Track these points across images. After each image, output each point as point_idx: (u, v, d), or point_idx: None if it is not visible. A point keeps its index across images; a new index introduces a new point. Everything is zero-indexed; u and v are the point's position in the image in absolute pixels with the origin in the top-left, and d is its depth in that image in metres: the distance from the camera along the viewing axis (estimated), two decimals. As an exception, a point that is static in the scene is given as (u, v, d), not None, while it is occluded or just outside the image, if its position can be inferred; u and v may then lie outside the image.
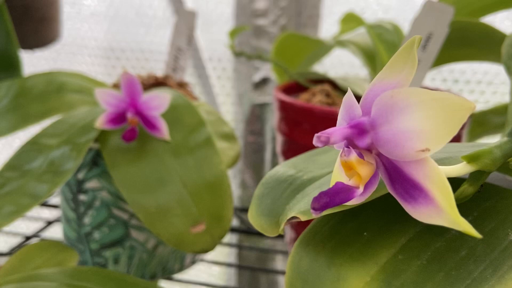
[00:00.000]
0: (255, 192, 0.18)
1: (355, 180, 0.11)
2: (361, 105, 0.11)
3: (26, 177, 0.25)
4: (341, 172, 0.12)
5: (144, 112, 0.27)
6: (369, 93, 0.11)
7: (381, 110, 0.10)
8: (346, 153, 0.11)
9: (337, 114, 0.29)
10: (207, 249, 0.26)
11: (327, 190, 0.11)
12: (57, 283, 0.21)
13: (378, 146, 0.10)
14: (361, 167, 0.10)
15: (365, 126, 0.10)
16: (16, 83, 0.33)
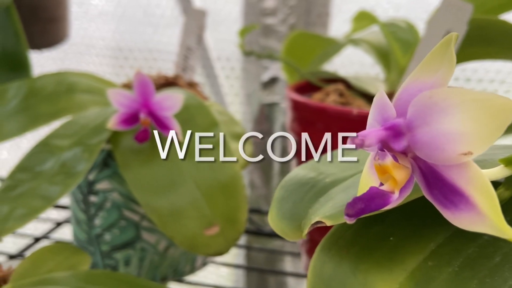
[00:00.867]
0: (275, 195, 0.17)
1: (390, 185, 0.10)
2: (395, 106, 0.10)
3: (38, 179, 0.25)
4: (371, 175, 0.11)
5: (156, 112, 0.26)
6: (403, 93, 0.10)
7: (419, 111, 0.09)
8: (381, 156, 0.10)
9: (352, 113, 0.28)
10: (221, 252, 0.25)
11: (362, 195, 0.10)
12: (71, 287, 0.20)
13: (415, 149, 0.10)
14: (397, 171, 0.10)
15: (401, 128, 0.10)
16: (26, 84, 0.32)
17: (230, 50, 0.57)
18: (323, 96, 0.33)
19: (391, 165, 0.10)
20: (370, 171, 0.11)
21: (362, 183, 0.12)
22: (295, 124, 0.32)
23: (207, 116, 0.28)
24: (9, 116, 0.30)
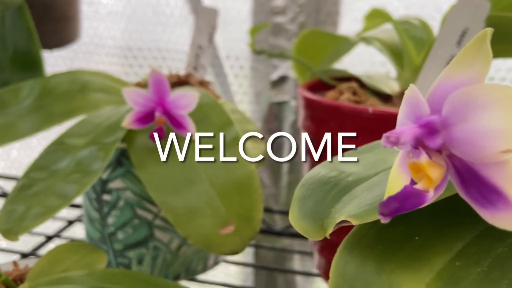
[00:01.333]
0: (295, 193, 0.17)
1: (424, 184, 0.10)
2: (428, 103, 0.10)
3: (54, 178, 0.25)
4: (401, 173, 0.11)
5: (171, 111, 0.26)
6: (437, 90, 0.10)
7: (455, 107, 0.09)
8: (415, 154, 0.10)
9: (366, 112, 0.28)
10: (236, 251, 0.25)
11: (396, 194, 0.10)
12: (89, 287, 0.20)
13: (451, 146, 0.10)
14: (432, 169, 0.10)
15: (436, 126, 0.10)
16: (39, 83, 0.32)
17: (239, 49, 0.57)
18: (336, 94, 0.32)
19: (426, 163, 0.10)
20: (400, 169, 0.11)
21: (391, 181, 0.12)
22: (308, 122, 0.32)
23: (222, 115, 0.28)
24: (23, 115, 0.30)
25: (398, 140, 0.09)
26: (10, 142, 0.30)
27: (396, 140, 0.09)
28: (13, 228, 0.23)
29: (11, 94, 0.32)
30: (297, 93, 0.55)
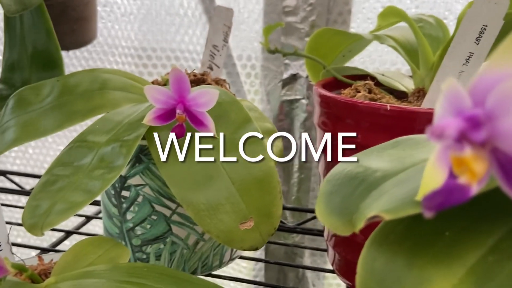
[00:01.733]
0: (321, 189, 0.17)
1: (468, 178, 0.10)
2: (470, 96, 0.10)
3: (78, 174, 0.25)
4: (439, 168, 0.11)
5: (191, 108, 0.27)
6: (479, 83, 0.10)
7: (501, 101, 0.09)
8: (459, 148, 0.10)
9: (383, 109, 0.28)
10: (256, 246, 0.26)
11: (439, 189, 0.10)
12: (115, 281, 0.21)
13: (495, 140, 0.10)
14: (476, 163, 0.10)
15: (481, 119, 0.10)
16: (60, 81, 0.33)
17: (251, 48, 0.57)
18: (352, 92, 0.33)
19: (470, 157, 0.10)
20: (438, 164, 0.11)
21: (426, 176, 0.12)
22: (324, 120, 0.32)
23: (241, 112, 0.28)
24: (45, 113, 0.31)
25: (443, 133, 0.09)
26: (33, 139, 0.30)
27: (441, 133, 0.09)
28: (38, 223, 0.23)
29: (32, 92, 0.33)
30: (308, 92, 0.56)
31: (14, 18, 0.39)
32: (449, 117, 0.10)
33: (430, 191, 0.11)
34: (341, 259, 0.34)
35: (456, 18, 0.54)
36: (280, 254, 0.59)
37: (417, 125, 0.28)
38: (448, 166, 0.11)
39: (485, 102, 0.10)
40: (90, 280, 0.21)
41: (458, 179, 0.10)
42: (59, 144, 0.66)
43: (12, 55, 0.39)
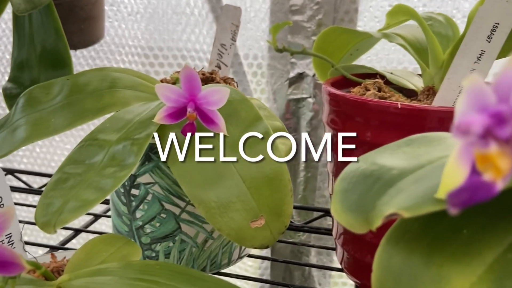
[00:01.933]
0: (336, 187, 0.17)
1: (493, 174, 0.10)
2: (494, 92, 0.10)
3: (90, 172, 0.25)
4: (460, 165, 0.11)
5: (202, 106, 0.27)
6: (503, 79, 0.10)
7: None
8: (483, 144, 0.10)
9: (394, 107, 0.28)
10: (267, 244, 0.26)
11: (464, 186, 0.10)
12: (128, 278, 0.21)
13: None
14: (501, 159, 0.10)
15: (506, 115, 0.10)
16: (70, 80, 0.33)
17: (258, 47, 0.57)
18: (362, 90, 0.33)
19: (496, 153, 0.10)
20: (460, 161, 0.11)
21: (447, 173, 0.12)
22: (333, 118, 0.32)
23: (251, 110, 0.28)
24: (55, 111, 0.31)
25: (469, 129, 0.09)
26: (43, 138, 0.30)
27: (467, 130, 0.09)
28: (51, 221, 0.23)
29: (42, 91, 0.33)
30: (314, 91, 0.55)
31: (23, 18, 0.39)
32: (473, 113, 0.10)
33: (455, 188, 0.11)
34: (349, 257, 0.34)
35: (464, 16, 0.53)
36: (286, 253, 0.59)
37: (427, 123, 0.27)
38: (470, 163, 0.11)
39: (509, 98, 0.10)
40: (103, 278, 0.21)
41: (482, 176, 0.10)
42: (66, 143, 0.66)
43: (21, 54, 0.40)
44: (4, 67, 0.66)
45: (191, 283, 0.21)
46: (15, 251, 0.21)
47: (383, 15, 0.53)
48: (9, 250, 0.16)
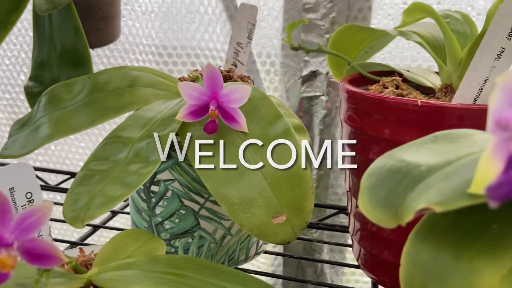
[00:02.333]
0: (363, 183, 0.18)
1: None
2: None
3: (115, 169, 0.26)
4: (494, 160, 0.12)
5: (224, 104, 0.27)
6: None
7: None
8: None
9: (413, 105, 0.28)
10: (288, 240, 0.26)
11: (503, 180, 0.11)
12: (156, 272, 0.21)
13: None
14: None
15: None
16: (91, 79, 0.34)
17: (271, 46, 0.57)
18: (380, 88, 0.33)
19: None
20: (494, 155, 0.11)
21: (481, 168, 0.12)
22: (351, 115, 0.32)
23: (271, 108, 0.28)
24: (78, 109, 0.32)
25: (509, 125, 0.10)
26: (66, 135, 0.31)
27: (506, 125, 0.10)
28: (79, 216, 0.24)
29: (64, 89, 0.33)
30: (327, 89, 0.56)
31: (43, 17, 0.40)
32: (509, 109, 0.11)
33: (494, 182, 0.11)
34: (366, 253, 0.34)
35: (479, 14, 0.53)
36: (298, 250, 0.59)
37: (446, 120, 0.28)
38: (506, 157, 0.11)
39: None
40: (131, 271, 0.21)
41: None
42: (81, 141, 0.67)
43: (41, 53, 0.40)
44: (20, 65, 0.67)
45: (217, 277, 0.21)
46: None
47: (397, 13, 0.53)
48: (48, 243, 0.17)
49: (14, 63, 0.67)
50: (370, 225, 0.33)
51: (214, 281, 0.21)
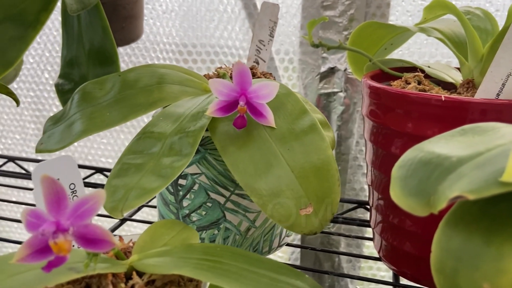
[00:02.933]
0: (394, 174, 0.18)
1: None
2: None
3: (150, 162, 0.27)
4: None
5: (252, 100, 0.28)
6: None
7: None
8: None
9: (435, 99, 0.29)
10: (315, 231, 0.27)
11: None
12: (193, 259, 0.22)
13: None
14: None
15: None
16: (121, 76, 0.35)
17: (289, 43, 0.58)
18: (403, 83, 0.33)
19: None
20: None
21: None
22: (373, 110, 0.33)
23: (297, 103, 0.29)
24: (110, 106, 0.33)
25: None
26: (100, 131, 0.32)
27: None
28: (118, 206, 0.25)
29: (96, 87, 0.35)
30: (345, 85, 0.56)
31: (71, 17, 0.42)
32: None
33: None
34: (388, 245, 0.35)
35: (497, 10, 0.53)
36: (316, 243, 0.60)
37: (469, 115, 0.28)
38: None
39: None
40: (170, 258, 0.23)
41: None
42: (103, 137, 0.69)
43: (70, 52, 0.42)
44: (44, 64, 0.69)
45: (251, 264, 0.22)
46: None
47: (415, 9, 0.54)
48: (101, 229, 0.18)
49: (38, 61, 0.69)
50: (391, 217, 0.33)
51: (249, 268, 0.22)
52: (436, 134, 0.29)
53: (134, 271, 0.22)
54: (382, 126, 0.32)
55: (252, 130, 0.29)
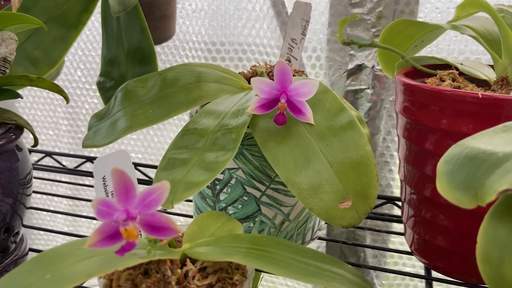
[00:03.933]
0: (440, 169, 0.19)
1: None
2: None
3: (195, 157, 0.29)
4: None
5: (292, 98, 0.29)
6: None
7: None
8: None
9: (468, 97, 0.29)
10: (353, 224, 0.28)
11: None
12: (242, 247, 0.24)
13: None
14: None
15: None
16: (162, 75, 0.37)
17: (317, 40, 0.59)
18: (437, 81, 0.34)
19: None
20: None
21: None
22: (407, 106, 0.34)
23: (335, 101, 0.30)
24: (152, 103, 0.35)
25: None
26: (143, 127, 0.34)
27: None
28: (169, 198, 0.27)
29: (138, 85, 0.37)
30: (373, 82, 0.57)
31: (111, 18, 0.43)
32: None
33: None
34: (419, 239, 0.36)
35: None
36: (342, 237, 0.61)
37: (505, 112, 0.29)
38: None
39: None
40: (220, 247, 0.24)
41: None
42: (133, 133, 0.71)
43: (109, 51, 0.44)
44: (77, 62, 0.72)
45: (296, 253, 0.24)
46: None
47: (445, 6, 0.54)
48: (166, 217, 0.19)
49: (71, 60, 0.72)
50: (424, 212, 0.34)
51: (295, 257, 0.23)
52: (470, 130, 0.30)
53: (187, 258, 0.24)
54: (416, 123, 0.33)
55: (291, 126, 0.30)
